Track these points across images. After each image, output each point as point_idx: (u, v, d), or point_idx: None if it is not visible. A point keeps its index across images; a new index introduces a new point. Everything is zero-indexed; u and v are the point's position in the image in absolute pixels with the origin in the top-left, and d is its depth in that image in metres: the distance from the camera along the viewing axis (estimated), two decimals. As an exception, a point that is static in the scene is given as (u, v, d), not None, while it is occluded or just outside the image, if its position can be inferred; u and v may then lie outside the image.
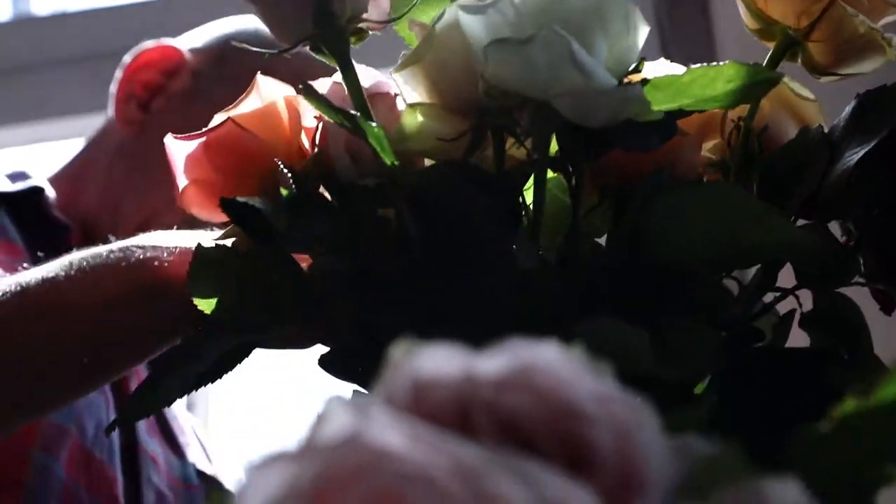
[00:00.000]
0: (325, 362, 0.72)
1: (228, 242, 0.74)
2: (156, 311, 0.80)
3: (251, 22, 1.34)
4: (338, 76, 0.73)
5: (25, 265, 0.86)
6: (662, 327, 0.58)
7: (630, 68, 0.65)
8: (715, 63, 0.64)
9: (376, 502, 0.31)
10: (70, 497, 1.10)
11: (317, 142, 0.75)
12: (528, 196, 0.70)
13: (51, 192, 1.32)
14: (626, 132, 0.65)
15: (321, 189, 0.74)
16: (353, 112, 0.67)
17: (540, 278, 0.63)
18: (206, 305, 0.70)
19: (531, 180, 0.70)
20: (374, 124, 0.67)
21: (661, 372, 0.56)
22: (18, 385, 0.81)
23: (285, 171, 0.71)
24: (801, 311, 0.67)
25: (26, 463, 1.07)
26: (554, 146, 0.68)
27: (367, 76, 0.74)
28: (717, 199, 0.59)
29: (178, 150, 0.77)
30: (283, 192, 0.68)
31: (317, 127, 0.75)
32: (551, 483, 0.30)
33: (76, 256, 0.84)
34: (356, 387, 0.73)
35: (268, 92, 0.77)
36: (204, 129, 0.77)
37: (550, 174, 0.70)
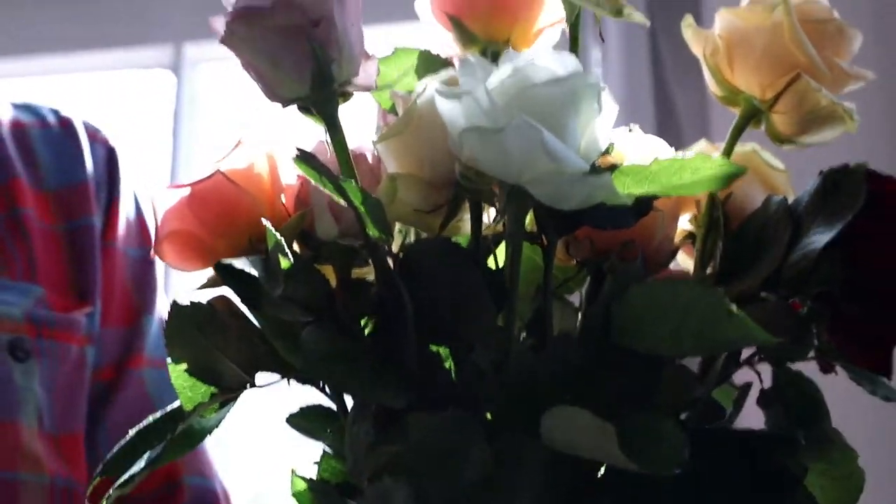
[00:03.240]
0: (293, 421, 0.75)
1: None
2: None
3: None
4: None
5: None
6: (628, 418, 0.61)
7: (602, 151, 0.68)
8: (680, 153, 0.66)
9: None
10: None
11: (298, 200, 0.76)
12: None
13: None
14: (600, 212, 0.67)
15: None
16: (351, 182, 0.69)
17: (516, 359, 0.66)
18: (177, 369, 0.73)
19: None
20: (365, 194, 0.68)
21: (627, 467, 0.60)
22: None
23: (275, 232, 0.71)
24: (761, 388, 0.70)
25: None
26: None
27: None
28: (686, 298, 0.62)
29: (158, 200, 0.79)
30: (284, 264, 0.69)
31: (299, 185, 0.77)
32: None
33: None
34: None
35: (251, 148, 0.78)
36: (188, 182, 0.78)
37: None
